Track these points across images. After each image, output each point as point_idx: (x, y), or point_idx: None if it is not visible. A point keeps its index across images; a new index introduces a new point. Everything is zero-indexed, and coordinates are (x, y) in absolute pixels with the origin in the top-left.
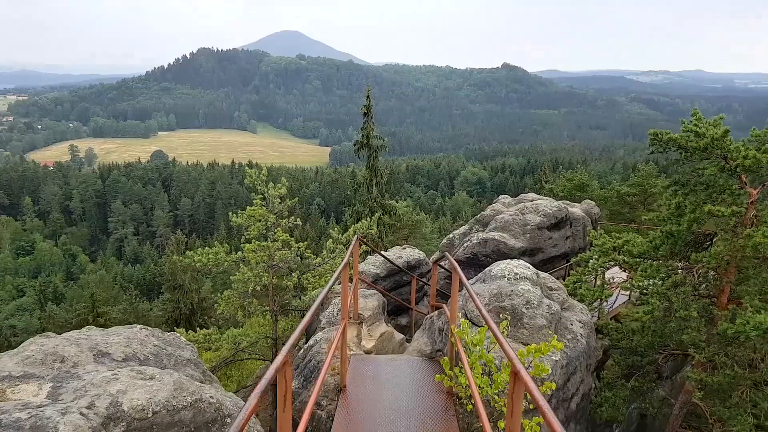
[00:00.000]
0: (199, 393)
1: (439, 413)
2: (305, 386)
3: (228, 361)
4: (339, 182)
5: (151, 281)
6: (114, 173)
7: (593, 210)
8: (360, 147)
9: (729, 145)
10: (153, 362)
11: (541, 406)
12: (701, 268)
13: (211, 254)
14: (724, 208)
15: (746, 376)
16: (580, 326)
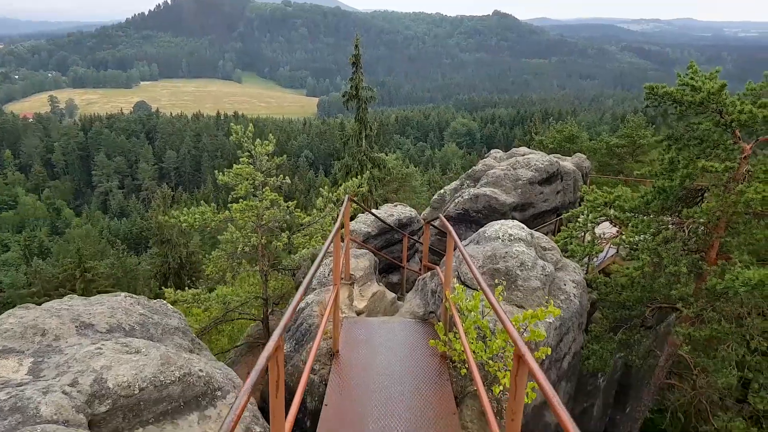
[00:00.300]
0: (188, 367)
1: (433, 377)
2: (297, 350)
3: (218, 321)
4: (327, 134)
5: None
6: (96, 125)
7: (584, 163)
8: (349, 98)
9: (725, 100)
10: (139, 332)
11: (547, 392)
12: (692, 224)
13: (198, 214)
14: (717, 164)
15: (733, 331)
16: (573, 286)
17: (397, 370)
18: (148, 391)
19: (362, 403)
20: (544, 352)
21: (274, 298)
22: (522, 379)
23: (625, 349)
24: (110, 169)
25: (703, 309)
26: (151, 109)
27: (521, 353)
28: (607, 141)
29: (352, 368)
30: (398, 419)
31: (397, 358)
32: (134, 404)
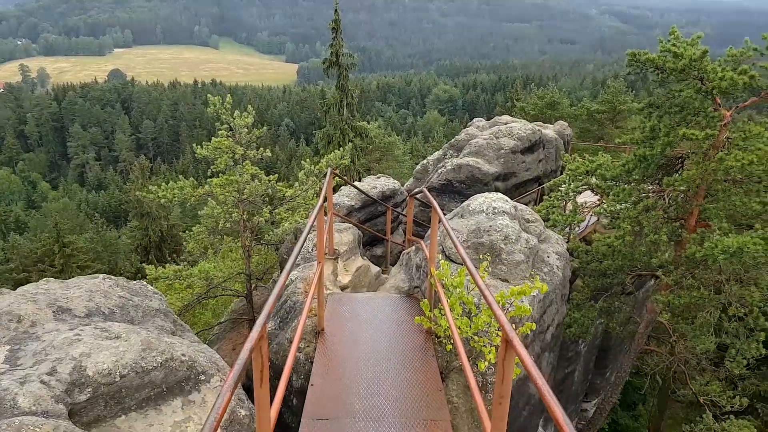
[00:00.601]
0: (170, 351)
1: (419, 354)
2: (282, 327)
3: (201, 298)
4: (308, 101)
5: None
6: (70, 94)
7: (566, 131)
8: (329, 65)
9: (706, 66)
10: (119, 316)
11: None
12: (672, 192)
13: (176, 189)
14: (698, 132)
15: (711, 298)
16: (556, 258)
17: (383, 347)
18: (130, 377)
19: (348, 382)
20: (529, 327)
21: (257, 273)
22: (510, 363)
23: (605, 317)
24: (86, 141)
25: (683, 276)
26: (126, 78)
27: (509, 338)
28: (588, 107)
29: (337, 346)
30: (385, 398)
31: (382, 335)
32: (115, 392)
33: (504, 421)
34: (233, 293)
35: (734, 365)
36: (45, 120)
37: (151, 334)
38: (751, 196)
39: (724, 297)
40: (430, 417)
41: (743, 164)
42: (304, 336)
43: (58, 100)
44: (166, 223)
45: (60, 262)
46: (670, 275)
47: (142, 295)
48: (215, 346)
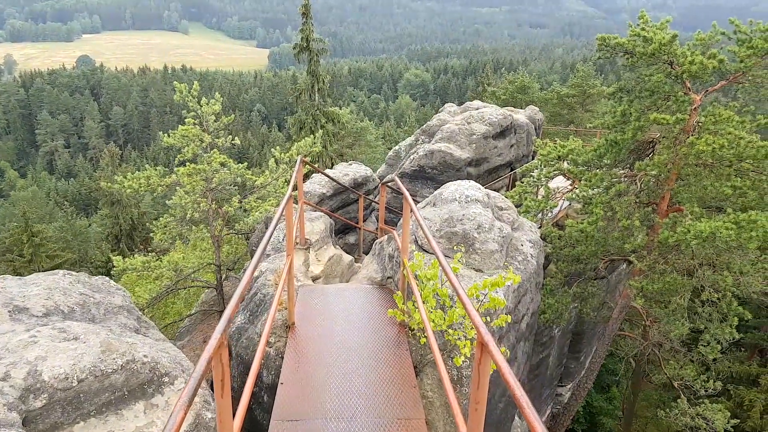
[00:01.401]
0: (131, 353)
1: (392, 348)
2: (252, 321)
3: (170, 290)
4: (280, 87)
5: (88, 196)
6: (37, 81)
7: (537, 116)
8: (300, 51)
9: (676, 51)
10: (79, 314)
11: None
12: (644, 176)
13: (143, 178)
14: (668, 116)
15: (685, 283)
16: (530, 246)
17: (355, 341)
18: (88, 381)
19: (320, 380)
20: (504, 320)
21: (227, 264)
22: (485, 368)
23: (579, 302)
24: (55, 128)
25: (656, 261)
26: (94, 64)
27: (484, 341)
28: (558, 91)
29: (308, 341)
30: (357, 396)
31: (354, 329)
32: (73, 397)
33: (481, 426)
34: (203, 284)
35: (708, 350)
36: (12, 107)
37: (112, 334)
38: (722, 180)
39: (696, 281)
40: (404, 415)
41: (714, 148)
42: (275, 330)
43: (25, 87)
44: (137, 211)
45: (29, 251)
46: (644, 260)
47: (104, 291)
48: (186, 338)
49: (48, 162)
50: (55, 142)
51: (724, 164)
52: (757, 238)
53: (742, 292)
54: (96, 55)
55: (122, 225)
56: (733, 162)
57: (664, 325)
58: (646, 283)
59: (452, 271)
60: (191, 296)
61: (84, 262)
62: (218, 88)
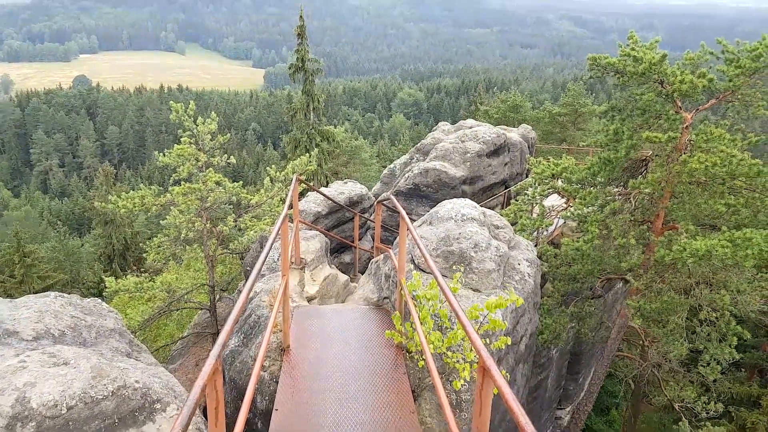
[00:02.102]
0: (122, 378)
1: (390, 371)
2: (246, 344)
3: (163, 311)
4: (275, 106)
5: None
6: (33, 101)
7: (530, 134)
8: (295, 70)
9: (666, 70)
10: (70, 338)
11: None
12: (638, 194)
13: (137, 198)
14: (660, 134)
15: (682, 302)
16: (527, 265)
17: (352, 364)
18: (78, 409)
19: (315, 406)
20: (504, 341)
21: (221, 284)
22: (487, 393)
23: (577, 322)
24: (50, 147)
25: (652, 280)
26: (91, 84)
27: (486, 366)
28: (550, 110)
29: (304, 365)
30: (354, 423)
31: (351, 351)
32: (62, 425)
33: None
34: (196, 305)
35: (708, 371)
36: (7, 126)
37: (104, 358)
38: (716, 197)
39: (694, 300)
40: None
41: (706, 166)
42: (269, 354)
43: (21, 107)
44: (130, 231)
45: (20, 272)
46: (640, 279)
47: (96, 314)
48: (177, 361)
49: (42, 181)
50: (50, 161)
51: (717, 182)
52: (753, 256)
53: (739, 311)
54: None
55: (115, 245)
56: (726, 180)
57: (663, 346)
58: (644, 302)
59: (451, 292)
60: (184, 318)
61: (76, 282)
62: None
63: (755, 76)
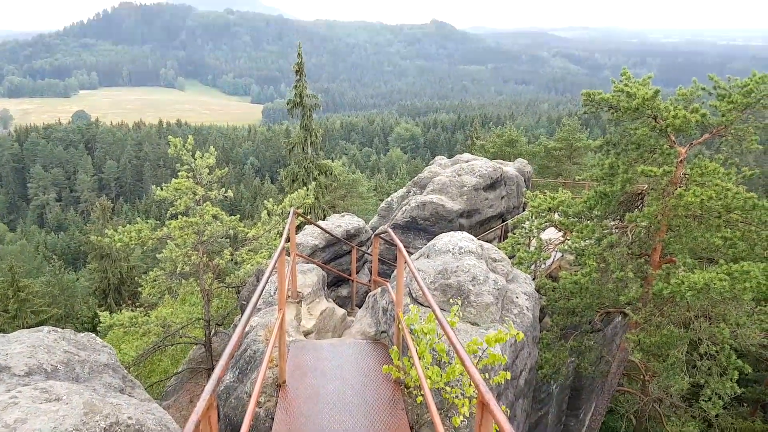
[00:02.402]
0: (115, 415)
1: (387, 407)
2: (241, 380)
3: (158, 346)
4: (273, 141)
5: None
6: (32, 135)
7: (526, 168)
8: (293, 106)
9: (659, 105)
10: (63, 373)
11: None
12: (635, 228)
13: (133, 232)
14: (656, 168)
15: (682, 336)
16: (525, 299)
17: (349, 400)
18: None
19: None
20: (503, 376)
21: (217, 318)
22: (487, 429)
23: (576, 356)
24: (47, 181)
25: (651, 314)
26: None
27: (485, 401)
28: (546, 144)
29: (300, 401)
30: None
31: (348, 386)
32: None
33: None
34: (191, 340)
35: (710, 406)
36: (5, 161)
37: (96, 394)
38: (712, 230)
39: (694, 334)
40: None
41: (702, 200)
42: (265, 389)
43: (20, 141)
44: (126, 265)
45: (14, 307)
46: (639, 313)
47: (89, 349)
48: (172, 398)
49: (38, 215)
50: (47, 195)
51: (713, 215)
52: (751, 289)
53: (739, 344)
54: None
55: (110, 279)
56: (721, 213)
57: (664, 380)
58: (643, 336)
59: (449, 326)
60: (178, 353)
61: (70, 317)
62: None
63: (747, 111)
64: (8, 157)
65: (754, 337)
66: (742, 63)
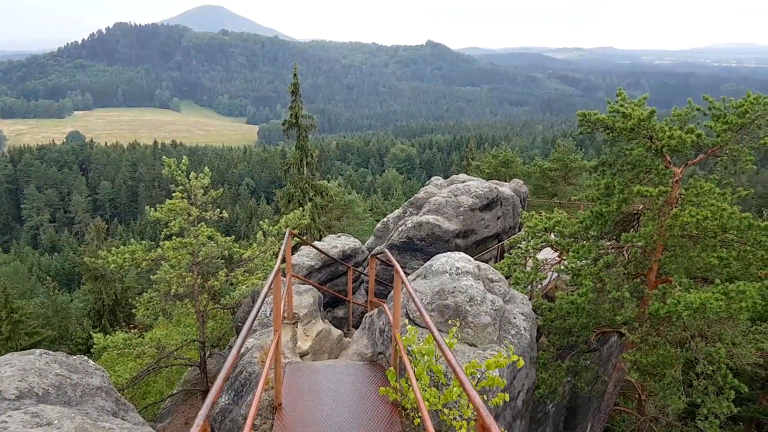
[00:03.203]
0: None
1: (384, 429)
2: (236, 402)
3: (152, 369)
4: (269, 161)
5: (71, 271)
6: (26, 156)
7: (522, 188)
8: (289, 127)
9: (654, 126)
10: (54, 397)
11: None
12: (631, 248)
13: (127, 253)
14: (652, 188)
15: (678, 355)
16: (522, 319)
17: (346, 422)
18: None
19: None
20: (501, 398)
21: (212, 340)
22: None
23: (573, 376)
24: (41, 202)
25: (648, 334)
26: (84, 139)
27: (486, 425)
28: (541, 165)
29: (296, 424)
30: None
31: (345, 409)
32: None
33: None
34: (186, 362)
35: (707, 425)
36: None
37: (89, 418)
38: (708, 251)
39: (690, 353)
40: None
41: (698, 220)
42: (260, 412)
43: (13, 162)
44: (120, 286)
45: (7, 329)
46: (636, 332)
47: (81, 371)
48: (166, 420)
49: (32, 237)
50: (41, 216)
51: (709, 235)
52: (747, 308)
53: (735, 363)
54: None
55: (105, 300)
56: (717, 233)
57: (661, 399)
58: (640, 355)
59: (448, 348)
60: (174, 374)
61: (64, 339)
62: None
63: (742, 132)
64: (2, 177)
65: (749, 357)
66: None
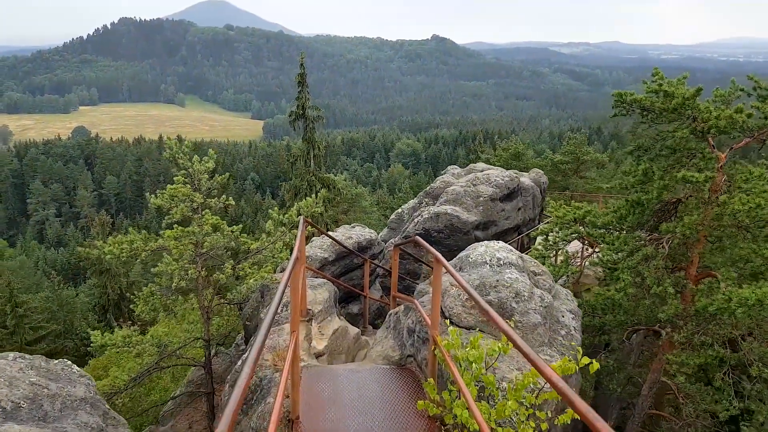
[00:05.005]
0: None
1: None
2: (246, 412)
3: (152, 369)
4: (274, 156)
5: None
6: (32, 151)
7: (542, 179)
8: (295, 118)
9: (699, 106)
10: (26, 411)
11: None
12: (673, 239)
13: (125, 243)
14: (698, 174)
15: (729, 356)
16: (571, 317)
17: None
18: None
19: None
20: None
21: (217, 338)
22: None
23: (605, 376)
24: (47, 197)
25: (694, 333)
26: (90, 134)
27: None
28: (552, 158)
29: None
30: None
31: (374, 423)
32: None
33: None
34: (190, 362)
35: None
36: (5, 176)
37: None
38: (760, 242)
39: (743, 355)
40: None
41: (750, 208)
42: None
43: (19, 157)
44: (126, 281)
45: (12, 323)
46: (681, 331)
47: (63, 379)
48: (169, 422)
49: (38, 231)
50: (47, 210)
51: (759, 225)
52: None
53: None
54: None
55: (110, 295)
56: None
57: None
58: (686, 356)
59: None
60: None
61: (69, 333)
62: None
63: None
64: (8, 172)
65: None
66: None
